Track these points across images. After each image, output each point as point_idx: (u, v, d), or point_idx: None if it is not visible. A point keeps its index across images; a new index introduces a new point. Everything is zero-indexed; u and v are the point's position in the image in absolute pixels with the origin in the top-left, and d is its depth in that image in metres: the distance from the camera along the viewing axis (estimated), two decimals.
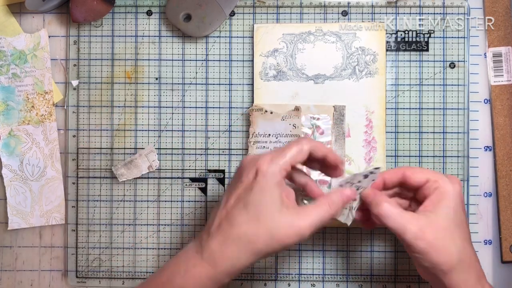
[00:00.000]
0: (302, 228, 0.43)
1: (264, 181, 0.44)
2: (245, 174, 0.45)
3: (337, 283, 0.59)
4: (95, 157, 0.60)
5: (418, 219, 0.45)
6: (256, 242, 0.43)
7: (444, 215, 0.45)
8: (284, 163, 0.44)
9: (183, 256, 0.46)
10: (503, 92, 0.59)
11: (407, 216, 0.45)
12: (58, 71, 0.61)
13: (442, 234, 0.45)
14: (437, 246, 0.44)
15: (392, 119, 0.59)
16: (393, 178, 0.49)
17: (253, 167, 0.44)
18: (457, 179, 0.47)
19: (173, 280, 0.45)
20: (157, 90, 0.60)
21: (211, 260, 0.44)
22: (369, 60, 0.59)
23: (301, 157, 0.45)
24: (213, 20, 0.59)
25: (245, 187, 0.44)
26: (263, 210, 0.43)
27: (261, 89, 0.59)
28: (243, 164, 0.46)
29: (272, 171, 0.44)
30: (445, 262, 0.45)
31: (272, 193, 0.43)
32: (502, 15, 0.59)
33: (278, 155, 0.45)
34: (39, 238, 0.61)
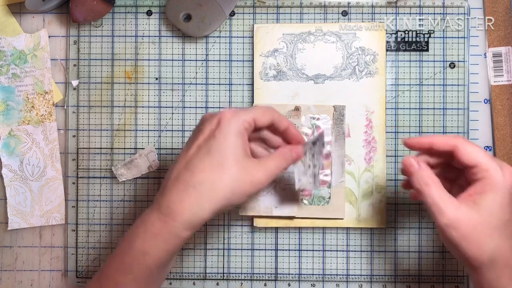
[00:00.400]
0: (261, 177, 0.44)
1: (227, 129, 0.43)
2: (207, 124, 0.44)
3: (337, 283, 0.59)
4: (95, 157, 0.60)
5: (457, 207, 0.42)
6: (220, 188, 0.42)
7: (486, 209, 0.41)
8: (246, 116, 0.44)
9: (140, 219, 0.44)
10: (503, 92, 0.59)
11: (448, 201, 0.42)
12: (58, 71, 0.61)
13: (479, 228, 0.41)
14: (470, 240, 0.41)
15: (392, 119, 0.59)
16: (442, 146, 0.45)
17: (215, 117, 0.44)
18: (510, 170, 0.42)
19: (133, 244, 0.43)
20: (157, 90, 0.60)
21: (170, 211, 0.42)
22: (369, 60, 0.59)
23: (264, 119, 0.45)
24: (213, 20, 0.59)
25: (207, 136, 0.44)
26: (227, 156, 0.43)
27: (261, 89, 0.59)
28: (204, 118, 0.46)
29: (235, 120, 0.43)
30: (475, 258, 0.42)
31: (235, 141, 0.43)
32: (502, 15, 0.59)
33: (241, 110, 0.45)
34: (39, 238, 0.61)
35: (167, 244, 0.43)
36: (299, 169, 0.51)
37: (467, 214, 0.41)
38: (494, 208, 0.42)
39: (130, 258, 0.43)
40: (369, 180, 0.58)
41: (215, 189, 0.42)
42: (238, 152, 0.43)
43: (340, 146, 0.58)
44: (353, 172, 0.58)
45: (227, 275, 0.60)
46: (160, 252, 0.43)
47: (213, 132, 0.44)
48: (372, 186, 0.58)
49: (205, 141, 0.44)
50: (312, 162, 0.51)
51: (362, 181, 0.58)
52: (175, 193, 0.43)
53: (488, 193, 0.42)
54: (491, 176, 0.42)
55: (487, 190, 0.42)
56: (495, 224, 0.42)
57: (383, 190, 0.58)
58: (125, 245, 0.44)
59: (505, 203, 0.42)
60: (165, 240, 0.43)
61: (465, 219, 0.41)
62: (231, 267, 0.60)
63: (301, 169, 0.51)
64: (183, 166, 0.44)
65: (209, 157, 0.43)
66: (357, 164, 0.58)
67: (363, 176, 0.58)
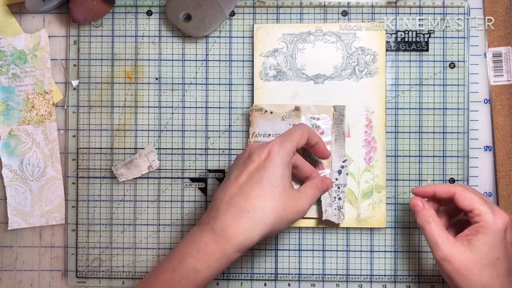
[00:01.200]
0: (304, 205, 0.48)
1: (277, 160, 0.47)
2: (257, 155, 0.48)
3: (337, 283, 0.59)
4: (95, 157, 0.60)
5: (453, 245, 0.47)
6: (270, 214, 0.46)
7: (478, 248, 0.47)
8: (291, 146, 0.49)
9: (190, 238, 0.47)
10: (503, 92, 0.59)
11: (445, 238, 0.48)
12: (58, 71, 0.61)
13: (471, 265, 0.46)
14: (462, 275, 0.46)
15: (392, 119, 0.59)
16: (443, 194, 0.51)
17: (265, 149, 0.48)
18: (504, 215, 0.48)
19: (185, 262, 0.46)
20: (157, 90, 0.60)
21: (225, 234, 0.45)
22: (369, 60, 0.59)
23: (303, 141, 0.50)
24: (213, 20, 0.59)
25: (257, 166, 0.47)
26: (277, 185, 0.46)
27: (261, 89, 0.59)
28: (252, 148, 0.49)
29: (283, 152, 0.48)
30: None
31: (284, 171, 0.47)
32: (502, 15, 0.59)
33: (286, 139, 0.49)
34: (39, 238, 0.61)
35: (219, 263, 0.46)
36: (326, 200, 0.56)
37: (460, 251, 0.47)
38: (485, 248, 0.47)
39: (181, 274, 0.45)
40: (369, 180, 0.58)
41: (267, 215, 0.46)
42: (285, 182, 0.47)
43: (340, 146, 0.58)
44: (353, 172, 0.58)
45: (227, 275, 0.60)
46: (211, 271, 0.46)
47: (264, 162, 0.47)
48: (372, 186, 0.58)
49: (256, 170, 0.47)
50: (337, 194, 0.56)
51: (362, 181, 0.58)
52: (230, 217, 0.46)
53: (481, 234, 0.47)
54: (483, 219, 0.47)
55: (480, 232, 0.47)
56: (486, 262, 0.46)
57: (383, 190, 0.58)
58: (176, 262, 0.46)
59: (495, 244, 0.47)
60: (217, 260, 0.45)
61: (458, 256, 0.47)
62: (231, 267, 0.60)
63: (327, 201, 0.56)
64: (235, 191, 0.47)
65: (261, 186, 0.46)
66: (357, 164, 0.58)
67: (363, 176, 0.58)
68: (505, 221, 0.47)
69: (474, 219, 0.48)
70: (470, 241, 0.47)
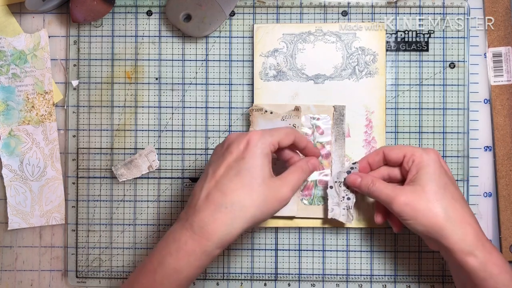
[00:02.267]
0: (285, 194, 0.47)
1: (256, 151, 0.46)
2: (235, 146, 0.47)
3: (337, 283, 0.59)
4: (95, 157, 0.60)
5: (403, 189, 0.49)
6: (250, 206, 0.45)
7: (425, 181, 0.48)
8: (272, 139, 0.47)
9: (170, 237, 0.46)
10: (503, 92, 0.59)
11: (395, 189, 0.49)
12: (58, 71, 0.61)
13: (426, 197, 0.48)
14: (423, 209, 0.47)
15: (392, 119, 0.59)
16: (375, 158, 0.53)
17: (243, 139, 0.47)
18: (432, 149, 0.50)
19: (165, 262, 0.45)
20: (157, 90, 0.60)
21: (204, 231, 0.44)
22: (369, 60, 0.59)
23: (287, 140, 0.49)
24: (213, 20, 0.59)
25: (236, 157, 0.46)
26: (256, 177, 0.45)
27: (261, 89, 0.59)
28: (231, 139, 0.48)
29: (262, 143, 0.46)
30: (435, 222, 0.47)
31: (263, 162, 0.46)
32: (502, 15, 0.59)
33: (267, 132, 0.48)
34: (39, 238, 0.61)
35: (200, 261, 0.45)
36: (333, 199, 0.55)
37: (412, 191, 0.48)
38: (431, 178, 0.48)
39: (162, 275, 0.45)
40: None
41: (246, 208, 0.45)
42: (265, 172, 0.46)
43: (340, 146, 0.58)
44: None
45: (227, 275, 0.60)
46: (193, 269, 0.45)
47: (242, 153, 0.46)
48: None
49: (234, 162, 0.46)
50: (346, 194, 0.54)
51: None
52: (208, 213, 0.45)
53: (421, 170, 0.49)
54: (417, 156, 0.50)
55: (420, 167, 0.49)
56: (436, 189, 0.48)
57: None
58: (156, 263, 0.45)
59: (438, 172, 0.49)
60: (198, 258, 0.45)
61: (412, 195, 0.48)
62: (231, 267, 0.60)
63: (335, 199, 0.55)
64: (213, 185, 0.46)
65: (239, 178, 0.45)
66: None
67: None
68: (436, 153, 0.50)
69: (410, 161, 0.50)
70: (416, 180, 0.49)
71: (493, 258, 0.46)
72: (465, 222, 0.47)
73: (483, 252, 0.46)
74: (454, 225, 0.47)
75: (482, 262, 0.46)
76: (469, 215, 0.48)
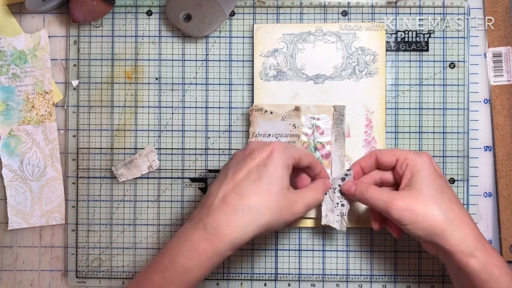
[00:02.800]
0: (300, 208, 0.48)
1: (278, 160, 0.47)
2: (258, 153, 0.47)
3: (337, 283, 0.59)
4: (95, 157, 0.60)
5: (399, 194, 0.48)
6: (265, 213, 0.45)
7: (422, 185, 0.48)
8: (294, 154, 0.48)
9: (181, 237, 0.46)
10: (503, 92, 0.59)
11: (390, 194, 0.48)
12: (58, 71, 0.61)
13: (424, 201, 0.47)
14: (422, 213, 0.47)
15: (392, 119, 0.59)
16: (368, 162, 0.52)
17: (268, 147, 0.47)
18: (424, 152, 0.50)
19: (176, 262, 0.45)
20: (157, 90, 0.60)
21: (217, 232, 0.45)
22: (369, 60, 0.59)
23: (305, 160, 0.50)
24: (213, 20, 0.59)
25: (258, 163, 0.47)
26: (274, 185, 0.46)
27: (261, 89, 0.59)
28: (253, 146, 0.48)
29: (286, 154, 0.47)
30: (434, 225, 0.47)
31: (283, 173, 0.47)
32: (502, 15, 0.59)
33: (291, 146, 0.49)
34: (39, 238, 0.61)
35: (211, 262, 0.45)
36: (327, 205, 0.54)
37: (409, 195, 0.48)
38: (426, 182, 0.48)
39: (173, 274, 0.45)
40: None
41: (261, 214, 0.45)
42: (284, 183, 0.47)
43: (340, 146, 0.58)
44: None
45: (227, 275, 0.60)
46: (203, 269, 0.45)
47: (265, 160, 0.47)
48: None
49: (255, 168, 0.46)
50: (340, 200, 0.54)
51: None
52: (223, 215, 0.45)
53: (416, 174, 0.49)
54: (411, 160, 0.49)
55: (414, 171, 0.49)
56: (433, 192, 0.47)
57: None
58: (167, 262, 0.45)
59: (432, 175, 0.48)
60: (209, 258, 0.45)
61: (409, 199, 0.47)
62: (231, 267, 0.60)
63: (329, 206, 0.54)
64: (230, 188, 0.46)
65: (258, 184, 0.46)
66: None
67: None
68: (428, 156, 0.50)
69: (403, 166, 0.49)
70: (412, 184, 0.48)
71: (493, 259, 0.46)
72: (464, 224, 0.47)
73: (484, 253, 0.46)
74: (454, 227, 0.47)
75: (483, 263, 0.46)
76: (467, 217, 0.48)
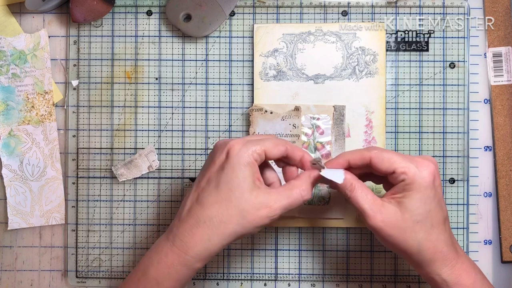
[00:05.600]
0: (273, 210, 0.43)
1: (235, 161, 0.43)
2: (217, 155, 0.44)
3: (337, 283, 0.59)
4: (95, 157, 0.60)
5: (381, 209, 0.44)
6: (228, 222, 0.43)
7: (408, 207, 0.44)
8: (256, 148, 0.44)
9: (155, 248, 0.46)
10: (503, 92, 0.59)
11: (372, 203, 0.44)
12: (58, 71, 0.61)
13: (402, 226, 0.44)
14: (396, 238, 0.44)
15: (392, 119, 0.59)
16: (358, 161, 0.46)
17: (225, 148, 0.44)
18: (428, 163, 0.44)
19: (147, 273, 0.45)
20: (157, 90, 0.60)
21: (183, 245, 0.44)
22: (369, 60, 0.59)
23: (275, 151, 0.45)
24: (213, 20, 0.59)
25: (217, 168, 0.44)
26: (234, 190, 0.43)
27: (261, 89, 0.59)
28: (216, 147, 0.46)
29: (244, 152, 0.43)
30: (404, 251, 0.45)
31: (243, 173, 0.43)
32: (502, 15, 0.59)
33: (252, 139, 0.45)
34: (39, 238, 0.61)
35: (179, 274, 0.44)
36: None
37: (390, 215, 0.44)
38: (416, 205, 0.44)
39: (144, 286, 0.45)
40: None
41: (224, 224, 0.43)
42: (246, 185, 0.43)
43: (340, 146, 0.58)
44: None
45: (227, 275, 0.60)
46: (173, 282, 0.44)
47: (222, 164, 0.44)
48: (372, 186, 0.58)
49: (215, 174, 0.44)
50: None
51: None
52: (187, 227, 0.44)
53: (409, 192, 0.44)
54: (409, 177, 0.44)
55: (407, 189, 0.44)
56: (418, 219, 0.44)
57: (383, 190, 0.58)
58: (140, 273, 0.45)
59: (425, 197, 0.44)
60: (177, 271, 0.44)
61: (388, 221, 0.44)
62: (231, 267, 0.60)
63: None
64: (195, 198, 0.45)
65: (217, 191, 0.43)
66: None
67: None
68: (432, 170, 0.44)
69: (399, 178, 0.44)
70: (399, 201, 0.44)
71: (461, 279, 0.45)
72: (436, 251, 0.45)
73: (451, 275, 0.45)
74: (424, 255, 0.45)
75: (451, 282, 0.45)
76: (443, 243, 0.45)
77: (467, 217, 0.59)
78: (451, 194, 0.59)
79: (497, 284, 0.59)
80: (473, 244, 0.59)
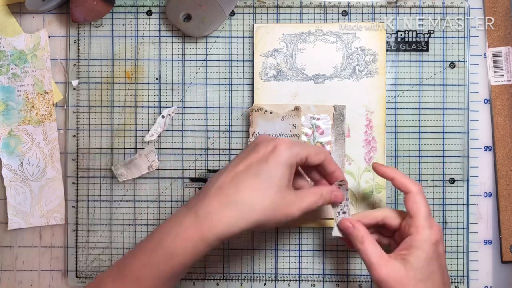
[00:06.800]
0: (295, 212, 0.46)
1: (281, 157, 0.45)
2: (263, 147, 0.46)
3: (337, 283, 0.59)
4: (95, 157, 0.60)
5: (387, 264, 0.46)
6: (258, 211, 0.44)
7: (412, 264, 0.46)
8: (300, 152, 0.46)
9: (173, 219, 0.46)
10: (503, 92, 0.59)
11: (379, 257, 0.47)
12: (58, 71, 0.61)
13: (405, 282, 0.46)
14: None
15: (392, 119, 0.59)
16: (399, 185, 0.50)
17: (272, 143, 0.46)
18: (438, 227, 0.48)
19: (163, 243, 0.44)
20: (157, 90, 0.60)
21: (207, 220, 0.44)
22: (369, 60, 0.59)
23: (316, 158, 0.47)
24: (213, 20, 0.59)
25: (260, 158, 0.45)
26: (273, 184, 0.44)
27: (261, 89, 0.59)
28: (260, 139, 0.47)
29: (289, 153, 0.45)
30: None
31: (284, 170, 0.45)
32: (502, 15, 0.59)
33: (298, 144, 0.47)
34: (39, 238, 0.61)
35: (196, 249, 0.44)
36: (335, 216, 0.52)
37: (395, 270, 0.46)
38: (420, 263, 0.46)
39: (158, 257, 0.44)
40: (369, 180, 0.58)
41: (253, 211, 0.44)
42: (283, 183, 0.45)
43: (340, 146, 0.58)
44: (353, 172, 0.58)
45: (227, 275, 0.60)
46: (188, 256, 0.44)
47: (267, 156, 0.45)
48: (372, 186, 0.58)
49: (257, 162, 0.45)
50: (341, 209, 0.51)
51: (362, 181, 0.58)
52: (216, 204, 0.44)
53: (414, 249, 0.47)
54: (419, 233, 0.47)
55: (414, 246, 0.47)
56: (420, 277, 0.46)
57: (383, 190, 0.58)
58: (155, 243, 0.45)
59: (429, 257, 0.46)
60: (195, 245, 0.44)
61: (392, 275, 0.46)
62: (231, 267, 0.60)
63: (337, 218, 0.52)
64: (229, 179, 0.45)
65: (257, 179, 0.44)
66: (357, 164, 0.58)
67: (363, 176, 0.58)
68: (438, 234, 0.47)
69: (411, 229, 0.48)
70: (405, 258, 0.46)
71: None
72: None
73: None
74: None
75: None
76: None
77: (467, 217, 0.59)
78: (451, 194, 0.59)
79: (497, 284, 0.59)
80: (473, 244, 0.59)
